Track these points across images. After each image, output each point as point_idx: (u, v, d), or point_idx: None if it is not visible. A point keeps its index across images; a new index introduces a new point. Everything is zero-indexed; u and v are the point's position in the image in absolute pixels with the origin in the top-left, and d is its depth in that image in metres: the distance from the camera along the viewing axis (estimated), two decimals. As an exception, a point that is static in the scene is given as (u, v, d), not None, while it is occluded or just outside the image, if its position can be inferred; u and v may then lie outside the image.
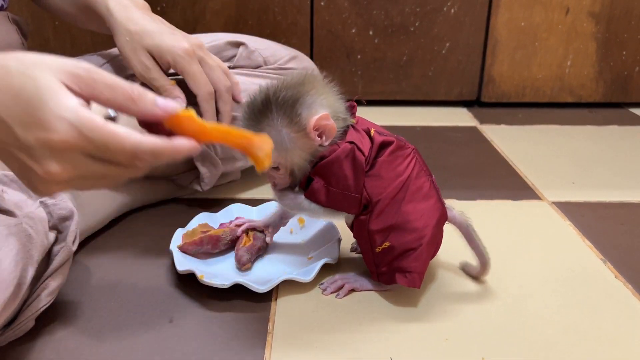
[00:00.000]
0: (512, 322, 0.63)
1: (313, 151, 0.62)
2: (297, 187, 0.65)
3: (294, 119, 0.59)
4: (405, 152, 0.65)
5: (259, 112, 0.60)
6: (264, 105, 0.59)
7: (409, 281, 0.64)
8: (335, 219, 0.66)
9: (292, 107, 0.59)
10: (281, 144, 0.59)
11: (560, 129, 1.35)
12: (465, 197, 0.95)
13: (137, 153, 0.41)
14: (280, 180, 0.64)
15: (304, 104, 0.59)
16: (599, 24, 1.43)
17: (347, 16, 1.42)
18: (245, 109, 0.61)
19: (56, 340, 0.59)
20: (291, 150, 0.60)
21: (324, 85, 0.62)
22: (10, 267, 0.52)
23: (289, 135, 0.59)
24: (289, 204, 0.65)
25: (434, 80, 1.49)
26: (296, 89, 0.60)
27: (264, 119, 0.59)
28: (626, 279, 0.72)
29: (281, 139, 0.59)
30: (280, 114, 0.59)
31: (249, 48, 0.93)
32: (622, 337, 0.61)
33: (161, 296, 0.67)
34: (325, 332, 0.61)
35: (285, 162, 0.61)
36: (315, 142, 0.61)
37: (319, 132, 0.60)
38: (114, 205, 0.82)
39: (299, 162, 0.62)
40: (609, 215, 0.90)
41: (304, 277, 0.67)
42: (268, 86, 0.60)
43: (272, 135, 0.58)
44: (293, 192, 0.65)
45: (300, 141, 0.60)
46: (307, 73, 0.63)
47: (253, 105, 0.60)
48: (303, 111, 0.59)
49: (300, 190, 0.65)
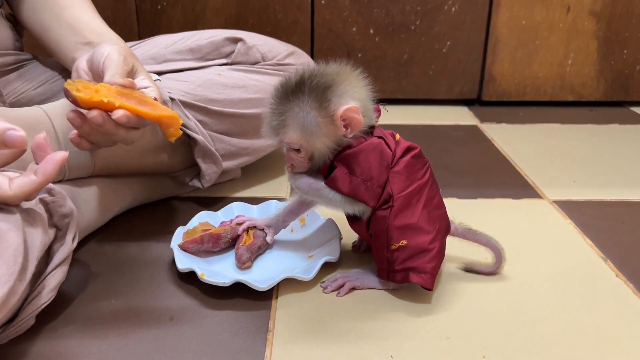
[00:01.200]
0: (512, 320, 0.63)
1: (337, 140, 0.62)
2: (315, 173, 0.66)
3: (323, 103, 0.60)
4: (423, 161, 0.67)
5: (291, 91, 0.60)
6: (297, 86, 0.60)
7: (424, 281, 0.64)
8: (351, 210, 0.66)
9: (324, 92, 0.60)
10: (307, 127, 0.60)
11: (561, 128, 1.35)
12: (466, 195, 0.95)
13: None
14: (299, 164, 0.64)
15: (335, 91, 0.60)
16: (599, 23, 1.43)
17: (348, 15, 1.42)
18: (278, 87, 0.62)
19: (57, 337, 0.59)
20: (315, 134, 0.61)
21: (359, 80, 0.63)
22: (9, 263, 0.52)
23: (316, 119, 0.60)
24: (304, 188, 0.65)
25: (434, 78, 1.49)
26: (331, 76, 0.61)
27: (294, 98, 0.60)
28: (627, 278, 0.72)
29: (308, 122, 0.60)
30: (311, 96, 0.60)
31: (247, 44, 0.93)
32: (623, 336, 0.61)
33: (162, 294, 0.67)
34: (326, 330, 0.61)
35: (307, 145, 0.62)
36: (340, 131, 0.61)
37: (345, 122, 0.61)
38: (114, 203, 0.82)
39: (321, 148, 0.62)
40: (609, 214, 0.90)
41: (304, 276, 0.67)
42: (304, 69, 0.62)
43: (300, 116, 0.60)
44: (311, 177, 0.65)
45: (326, 127, 0.61)
46: (346, 65, 0.64)
47: (286, 85, 0.61)
48: (333, 98, 0.60)
49: (319, 176, 0.65)
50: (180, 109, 0.83)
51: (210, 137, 0.86)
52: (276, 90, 0.62)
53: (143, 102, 0.63)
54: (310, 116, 0.60)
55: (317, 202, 0.69)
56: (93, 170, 0.77)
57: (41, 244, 0.57)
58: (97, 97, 0.60)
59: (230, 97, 0.88)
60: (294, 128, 0.61)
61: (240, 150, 0.91)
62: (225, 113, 0.87)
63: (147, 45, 0.96)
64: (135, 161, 0.82)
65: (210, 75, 0.89)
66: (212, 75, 0.89)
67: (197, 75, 0.88)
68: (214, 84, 0.88)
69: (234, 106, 0.88)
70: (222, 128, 0.88)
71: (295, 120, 0.60)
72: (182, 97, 0.84)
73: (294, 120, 0.60)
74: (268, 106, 0.62)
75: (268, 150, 0.95)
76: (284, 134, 0.61)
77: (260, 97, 0.90)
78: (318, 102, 0.60)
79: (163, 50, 0.94)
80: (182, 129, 0.82)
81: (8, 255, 0.52)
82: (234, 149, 0.90)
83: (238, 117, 0.88)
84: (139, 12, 1.41)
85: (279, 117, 0.61)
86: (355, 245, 0.78)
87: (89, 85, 0.62)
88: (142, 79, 0.70)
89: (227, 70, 0.91)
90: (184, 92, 0.85)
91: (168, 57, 0.93)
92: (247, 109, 0.89)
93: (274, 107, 0.61)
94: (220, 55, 0.94)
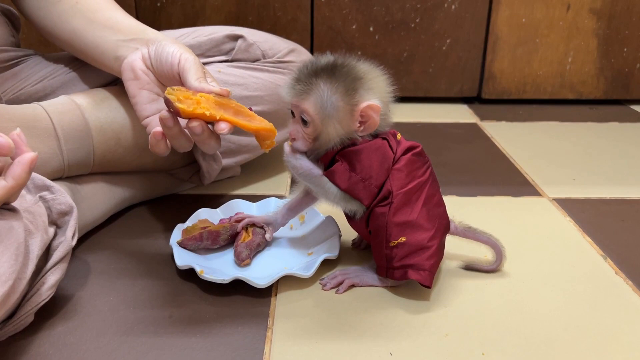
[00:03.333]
0: (512, 317, 0.63)
1: (347, 132, 0.62)
2: (317, 162, 0.65)
3: (349, 90, 0.60)
4: (424, 159, 0.67)
5: (321, 69, 0.61)
6: (327, 66, 0.61)
7: (423, 278, 0.64)
8: (345, 207, 0.66)
9: (353, 81, 0.60)
10: (326, 106, 0.60)
11: (560, 126, 1.34)
12: (465, 193, 0.95)
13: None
14: (301, 140, 0.64)
15: (364, 85, 0.61)
16: (600, 21, 1.43)
17: (348, 12, 1.42)
18: (307, 63, 0.62)
19: (55, 334, 0.59)
20: (330, 117, 0.61)
21: (387, 85, 0.64)
22: (10, 261, 0.52)
23: (337, 102, 0.60)
24: (300, 170, 0.65)
25: (434, 76, 1.49)
26: (363, 70, 0.62)
27: (322, 77, 0.60)
28: (626, 275, 0.72)
29: (328, 102, 0.60)
30: (339, 80, 0.60)
31: (247, 41, 0.93)
32: (623, 334, 0.61)
33: (160, 291, 0.67)
34: (325, 328, 0.61)
35: (318, 123, 0.62)
36: (354, 125, 0.62)
37: (362, 119, 0.61)
38: (114, 200, 0.82)
39: (330, 132, 0.62)
40: (609, 212, 0.90)
41: (304, 273, 0.67)
42: (338, 56, 0.62)
43: (324, 94, 0.60)
44: (311, 162, 0.65)
45: (342, 114, 0.61)
46: (378, 67, 0.65)
47: (316, 63, 0.62)
48: (360, 90, 0.60)
49: (318, 164, 0.65)
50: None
51: (209, 135, 0.86)
52: (305, 65, 0.62)
53: (240, 112, 0.62)
54: (333, 98, 0.60)
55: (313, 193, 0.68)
56: (92, 168, 0.77)
57: (41, 241, 0.57)
58: (200, 110, 0.59)
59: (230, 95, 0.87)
60: (314, 101, 0.61)
61: (240, 148, 0.91)
62: (225, 110, 0.87)
63: (146, 42, 0.95)
64: (134, 159, 0.82)
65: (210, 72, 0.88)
66: (212, 72, 0.89)
67: (196, 72, 0.88)
68: None
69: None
70: (222, 125, 0.87)
71: (317, 95, 0.60)
72: (182, 94, 0.83)
73: (317, 95, 0.60)
74: (294, 73, 0.63)
75: (268, 148, 0.95)
76: (303, 100, 0.61)
77: (261, 95, 0.90)
78: (344, 87, 0.60)
79: (163, 46, 0.93)
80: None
81: (10, 253, 0.52)
82: (234, 146, 0.90)
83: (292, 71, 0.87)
84: (138, 9, 1.41)
85: (303, 86, 0.61)
86: (354, 243, 0.78)
87: (189, 96, 0.60)
88: (211, 81, 0.68)
89: (227, 67, 0.91)
90: (183, 89, 0.84)
91: (168, 54, 0.92)
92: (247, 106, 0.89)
93: (301, 76, 0.61)
94: (220, 52, 0.93)
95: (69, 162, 0.73)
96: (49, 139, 0.71)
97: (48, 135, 0.71)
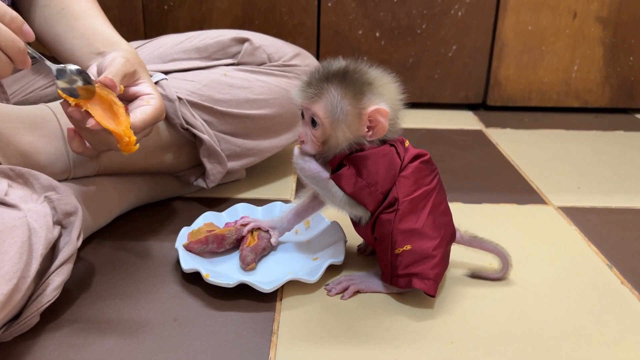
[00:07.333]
0: (517, 326, 0.63)
1: (356, 137, 0.63)
2: (325, 166, 0.66)
3: (357, 94, 0.61)
4: (432, 167, 0.67)
5: (332, 75, 0.62)
6: (338, 72, 0.62)
7: (427, 287, 0.64)
8: (349, 212, 0.66)
9: (362, 86, 0.61)
10: (335, 111, 0.61)
11: (566, 134, 1.34)
12: (470, 200, 0.95)
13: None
14: (310, 142, 0.64)
15: (373, 90, 0.61)
16: (606, 29, 1.43)
17: (354, 17, 1.42)
18: (319, 67, 0.63)
19: (61, 336, 0.59)
20: (339, 121, 0.61)
21: (396, 92, 0.64)
22: (14, 260, 0.52)
23: (345, 106, 0.61)
24: (308, 172, 0.65)
25: (439, 82, 1.49)
26: (373, 76, 0.62)
27: (332, 81, 0.61)
28: (632, 285, 0.72)
29: (338, 107, 0.61)
30: (349, 85, 0.61)
31: (253, 44, 0.93)
32: (628, 343, 0.61)
33: (166, 294, 0.67)
34: (330, 333, 0.61)
35: (328, 127, 0.62)
36: (362, 130, 0.62)
37: (371, 124, 0.62)
38: (119, 202, 0.82)
39: (338, 136, 0.62)
40: (614, 221, 0.89)
41: (309, 278, 0.66)
42: (350, 61, 0.63)
43: (333, 99, 0.61)
44: (319, 164, 0.66)
45: (351, 118, 0.61)
46: (389, 73, 0.65)
47: (328, 68, 0.63)
48: (369, 94, 0.61)
49: (326, 167, 0.65)
50: (187, 108, 0.83)
51: (215, 137, 0.86)
52: (317, 69, 0.63)
53: (109, 108, 0.63)
54: (343, 103, 0.61)
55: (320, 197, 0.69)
56: (98, 169, 0.77)
57: (46, 240, 0.57)
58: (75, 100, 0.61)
59: (236, 98, 0.88)
60: (324, 105, 0.61)
61: (245, 151, 0.91)
62: (230, 113, 0.87)
63: (153, 45, 0.96)
64: (140, 160, 0.82)
65: (216, 75, 0.89)
66: (218, 75, 0.89)
67: (203, 75, 0.88)
68: (219, 84, 0.88)
69: (239, 107, 0.88)
70: (228, 128, 0.88)
71: (327, 100, 0.61)
72: (188, 97, 0.84)
73: (327, 99, 0.61)
74: (306, 77, 0.63)
75: (273, 152, 0.95)
76: (313, 102, 0.62)
77: (266, 98, 0.90)
78: (352, 92, 0.61)
79: (170, 49, 0.94)
80: (189, 128, 0.83)
81: (13, 252, 0.52)
82: (239, 149, 0.90)
83: (243, 117, 0.88)
84: (145, 12, 1.41)
85: (315, 90, 0.62)
86: (360, 249, 0.78)
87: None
88: (146, 85, 0.70)
89: (233, 70, 0.91)
90: (190, 92, 0.85)
91: (175, 57, 0.93)
92: (253, 109, 0.89)
93: (313, 80, 0.62)
94: (226, 55, 0.94)
95: (74, 163, 0.73)
96: (55, 140, 0.71)
97: (55, 136, 0.71)
